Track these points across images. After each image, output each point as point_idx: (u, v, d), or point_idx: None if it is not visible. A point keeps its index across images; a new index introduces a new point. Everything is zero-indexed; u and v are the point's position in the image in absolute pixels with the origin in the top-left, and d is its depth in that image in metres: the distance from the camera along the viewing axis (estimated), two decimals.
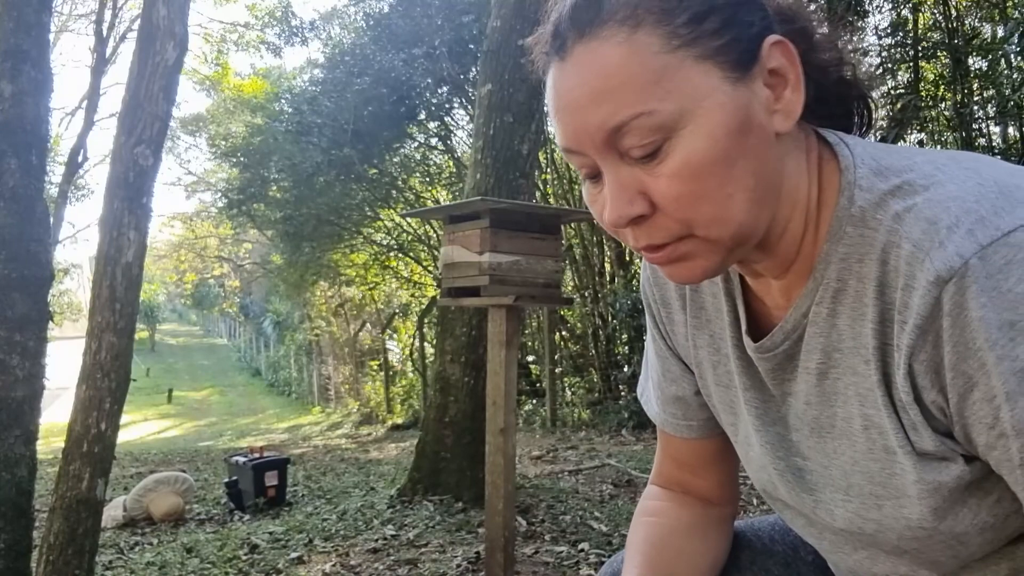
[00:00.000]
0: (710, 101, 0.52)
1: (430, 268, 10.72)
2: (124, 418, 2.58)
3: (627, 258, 7.96)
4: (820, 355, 0.59)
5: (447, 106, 9.25)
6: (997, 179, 0.51)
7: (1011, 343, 0.46)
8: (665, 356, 0.78)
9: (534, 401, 8.87)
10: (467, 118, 9.25)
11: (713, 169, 0.52)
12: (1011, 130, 6.14)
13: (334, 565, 2.92)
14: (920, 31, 6.77)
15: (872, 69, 0.67)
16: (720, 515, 0.81)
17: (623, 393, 7.38)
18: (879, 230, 0.53)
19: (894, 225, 0.52)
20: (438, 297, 2.89)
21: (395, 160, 10.06)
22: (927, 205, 0.51)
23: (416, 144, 10.20)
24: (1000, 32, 5.82)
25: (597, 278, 8.15)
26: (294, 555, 3.15)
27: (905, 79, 6.83)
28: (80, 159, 12.33)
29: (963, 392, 0.49)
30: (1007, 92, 5.59)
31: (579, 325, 8.88)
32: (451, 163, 10.09)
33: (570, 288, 8.57)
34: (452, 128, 9.91)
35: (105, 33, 12.11)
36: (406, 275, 12.53)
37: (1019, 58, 5.32)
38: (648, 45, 0.51)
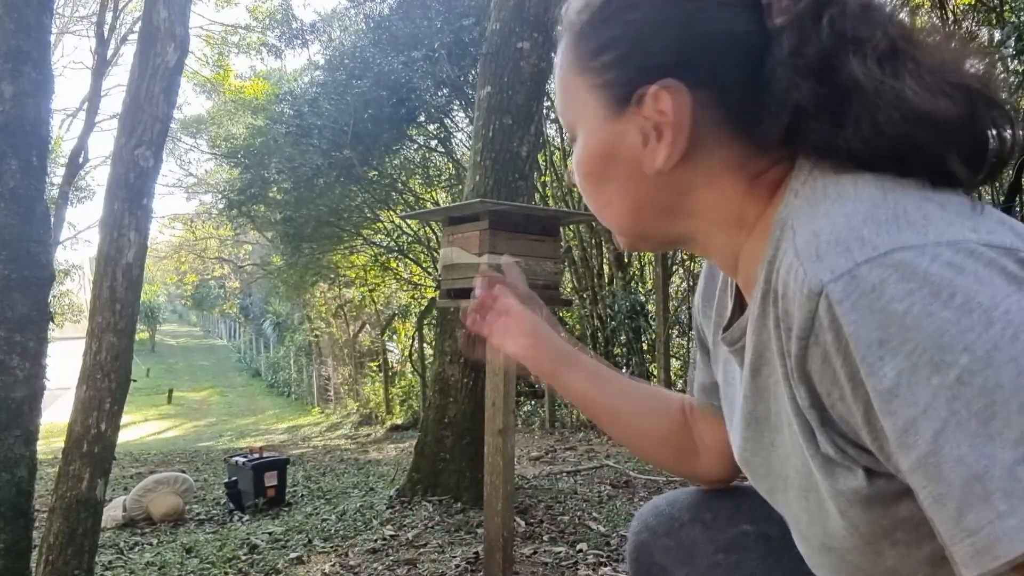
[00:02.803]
0: (589, 126, 0.62)
1: (429, 270, 10.72)
2: (124, 418, 2.58)
3: (626, 260, 7.97)
4: (753, 352, 0.60)
5: (447, 108, 9.25)
6: (900, 204, 0.49)
7: (880, 361, 0.45)
8: (698, 343, 0.86)
9: (533, 402, 8.88)
10: (467, 120, 9.26)
11: (588, 178, 0.63)
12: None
13: (333, 565, 2.93)
14: None
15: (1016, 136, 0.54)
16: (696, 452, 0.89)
17: None
18: (788, 237, 0.53)
19: (789, 232, 0.53)
20: (437, 298, 2.90)
21: (395, 162, 10.06)
22: (821, 216, 0.51)
23: (416, 146, 10.19)
24: (997, 36, 5.83)
25: (596, 280, 8.16)
26: (293, 555, 3.16)
27: None
28: (81, 160, 12.34)
29: (867, 401, 0.47)
30: (1004, 96, 5.60)
31: (578, 327, 8.88)
32: (450, 165, 10.09)
33: (569, 290, 8.58)
34: (452, 130, 9.91)
35: (106, 35, 12.12)
36: (406, 276, 12.54)
37: (1015, 62, 5.33)
38: (569, 61, 0.63)
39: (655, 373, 7.04)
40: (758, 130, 0.57)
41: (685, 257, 7.67)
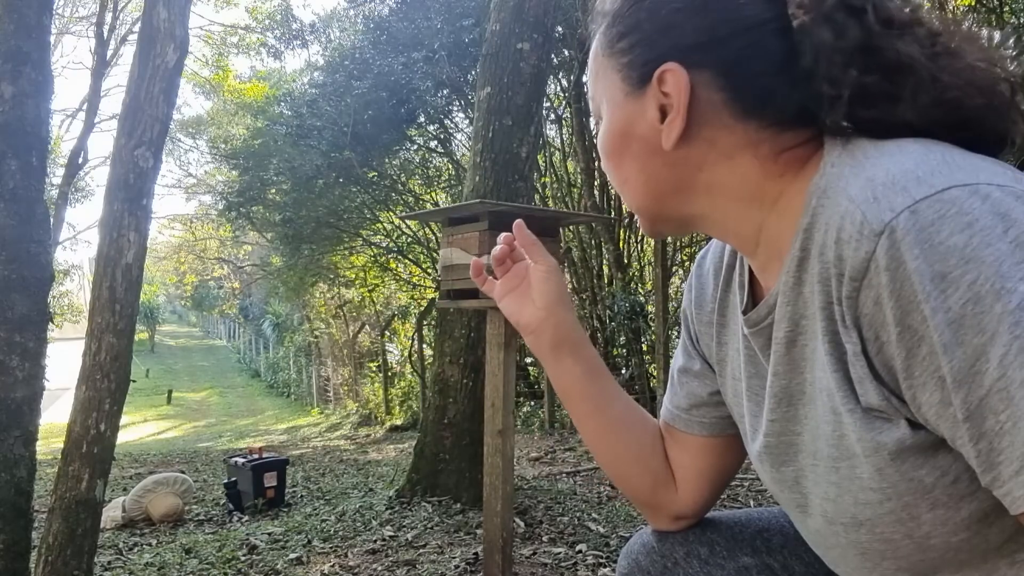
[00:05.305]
0: (611, 104, 0.66)
1: (429, 270, 10.72)
2: (123, 419, 2.59)
3: (625, 260, 7.97)
4: (788, 323, 0.62)
5: (446, 109, 9.25)
6: (946, 154, 0.53)
7: (943, 295, 0.47)
8: (691, 355, 0.84)
9: (532, 403, 8.88)
10: (466, 121, 9.26)
11: (610, 154, 0.67)
12: None
13: (332, 566, 2.93)
14: None
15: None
16: (667, 485, 0.85)
17: None
18: (833, 197, 0.56)
19: (833, 193, 0.55)
20: (437, 299, 2.90)
21: (394, 163, 10.06)
22: (871, 168, 0.54)
23: (415, 147, 10.20)
24: (997, 36, 5.85)
25: (595, 280, 8.16)
26: (293, 556, 3.16)
27: None
28: (80, 161, 12.36)
29: (911, 347, 0.49)
30: None
31: None
32: (450, 166, 10.10)
33: (568, 290, 8.57)
34: (451, 131, 9.91)
35: (106, 35, 12.14)
36: (405, 277, 12.54)
37: (1015, 63, 5.34)
38: (600, 44, 0.68)
39: (655, 374, 7.04)
40: (767, 111, 0.60)
41: (685, 258, 7.68)
